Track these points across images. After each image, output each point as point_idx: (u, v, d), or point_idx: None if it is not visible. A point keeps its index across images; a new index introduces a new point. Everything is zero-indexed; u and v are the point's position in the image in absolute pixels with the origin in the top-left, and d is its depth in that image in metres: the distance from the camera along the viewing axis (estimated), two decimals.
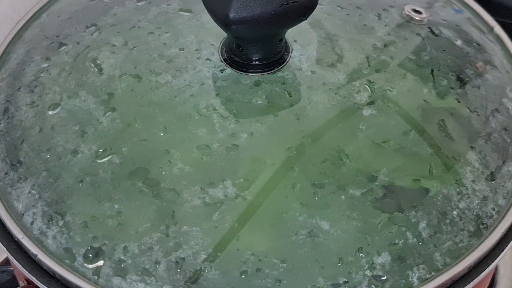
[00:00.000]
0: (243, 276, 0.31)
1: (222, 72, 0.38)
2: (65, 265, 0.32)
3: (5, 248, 0.34)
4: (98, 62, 0.39)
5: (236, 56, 0.38)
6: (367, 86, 0.38)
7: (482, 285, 0.41)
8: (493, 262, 0.33)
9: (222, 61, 0.39)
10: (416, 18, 0.43)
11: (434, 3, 0.45)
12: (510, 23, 0.49)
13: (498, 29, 0.44)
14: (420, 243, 0.33)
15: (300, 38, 0.40)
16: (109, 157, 0.35)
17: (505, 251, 0.34)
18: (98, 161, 0.35)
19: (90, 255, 0.32)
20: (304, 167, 0.34)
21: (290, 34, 0.39)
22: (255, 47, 0.37)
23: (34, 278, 0.32)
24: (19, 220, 0.34)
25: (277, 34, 0.37)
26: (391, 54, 0.40)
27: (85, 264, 0.32)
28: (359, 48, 0.40)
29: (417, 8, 0.43)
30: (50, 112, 0.37)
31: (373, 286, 0.31)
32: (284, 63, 0.39)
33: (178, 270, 0.32)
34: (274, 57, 0.38)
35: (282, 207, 0.33)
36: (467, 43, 0.42)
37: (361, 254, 0.32)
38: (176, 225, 0.33)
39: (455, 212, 0.34)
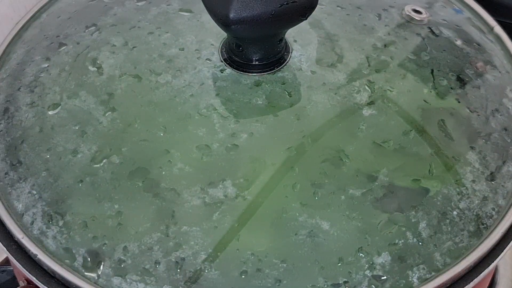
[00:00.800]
0: (243, 276, 0.31)
1: (222, 72, 0.38)
2: (65, 265, 0.32)
3: (5, 248, 0.34)
4: (98, 62, 0.39)
5: (236, 56, 0.38)
6: (367, 86, 0.38)
7: (482, 285, 0.41)
8: (493, 262, 0.33)
9: (222, 61, 0.39)
10: (416, 18, 0.43)
11: (434, 3, 0.45)
12: (510, 23, 0.49)
13: (498, 29, 0.44)
14: (420, 243, 0.33)
15: (300, 38, 0.40)
16: (109, 157, 0.35)
17: (505, 251, 0.34)
18: (98, 162, 0.35)
19: (90, 255, 0.32)
20: (304, 167, 0.34)
21: (290, 34, 0.39)
22: (255, 47, 0.37)
23: (34, 278, 0.32)
24: (19, 220, 0.34)
25: (277, 34, 0.37)
26: (391, 54, 0.40)
27: (85, 264, 0.32)
28: (359, 48, 0.40)
29: (417, 8, 0.43)
30: (50, 112, 0.37)
31: (373, 286, 0.31)
32: (284, 63, 0.39)
33: (178, 270, 0.32)
34: (274, 57, 0.38)
35: (282, 207, 0.33)
36: (467, 43, 0.42)
37: (361, 254, 0.32)
38: (176, 225, 0.33)
39: (455, 212, 0.34)
